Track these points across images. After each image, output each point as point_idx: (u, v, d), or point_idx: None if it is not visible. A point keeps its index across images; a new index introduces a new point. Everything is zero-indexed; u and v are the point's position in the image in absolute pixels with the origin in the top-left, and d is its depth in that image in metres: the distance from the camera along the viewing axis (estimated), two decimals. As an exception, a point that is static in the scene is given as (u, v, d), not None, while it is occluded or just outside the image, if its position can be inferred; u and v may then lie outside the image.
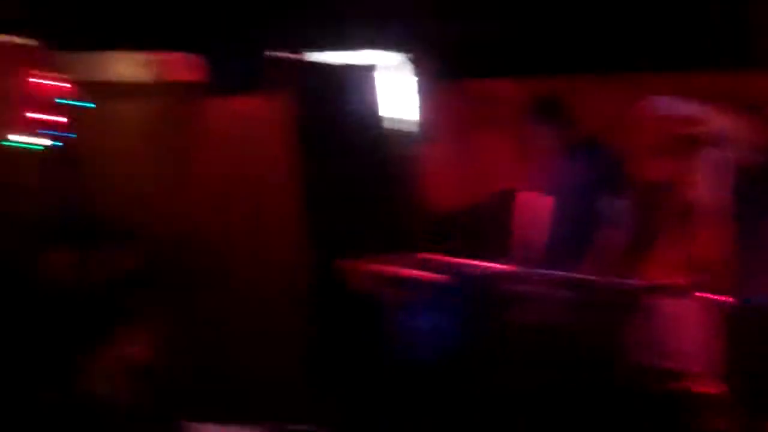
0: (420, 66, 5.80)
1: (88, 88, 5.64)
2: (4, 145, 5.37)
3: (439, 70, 5.71)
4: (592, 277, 4.18)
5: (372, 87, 5.78)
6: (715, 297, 4.74)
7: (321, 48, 5.82)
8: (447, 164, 5.87)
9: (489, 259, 4.63)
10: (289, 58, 5.71)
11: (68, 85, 5.49)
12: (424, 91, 5.84)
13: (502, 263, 4.53)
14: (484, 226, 5.38)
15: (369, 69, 5.83)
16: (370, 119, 5.85)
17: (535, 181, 4.73)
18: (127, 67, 5.87)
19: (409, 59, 5.80)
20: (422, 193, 5.76)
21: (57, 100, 5.52)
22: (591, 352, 4.16)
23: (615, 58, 5.50)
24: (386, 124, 5.89)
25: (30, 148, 5.49)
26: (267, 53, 5.61)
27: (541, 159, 4.70)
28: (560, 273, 4.25)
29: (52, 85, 5.49)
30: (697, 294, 4.80)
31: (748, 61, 5.37)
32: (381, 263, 4.88)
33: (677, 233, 6.15)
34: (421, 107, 5.83)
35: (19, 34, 5.38)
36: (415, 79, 5.82)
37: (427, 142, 5.84)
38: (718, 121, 4.19)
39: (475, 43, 5.60)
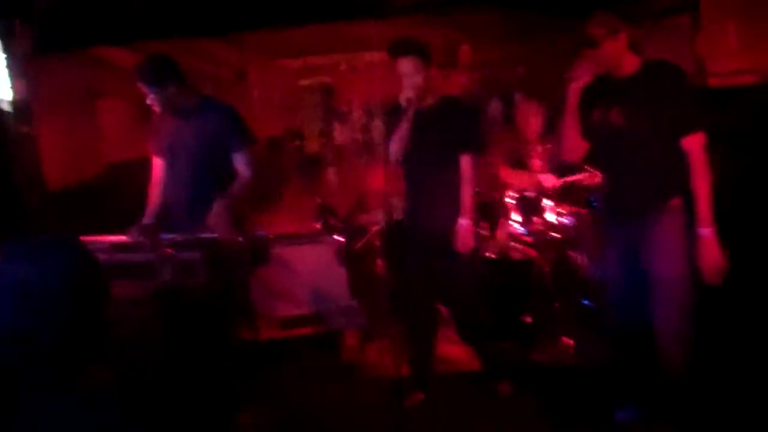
0: (19, 36, 5.39)
1: None
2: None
3: (41, 40, 5.35)
4: (218, 234, 4.12)
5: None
6: (341, 239, 5.00)
7: None
8: (59, 138, 5.51)
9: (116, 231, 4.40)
10: None
11: None
12: (26, 65, 5.44)
13: (128, 233, 4.32)
14: (103, 198, 5.15)
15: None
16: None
17: (157, 145, 4.58)
18: None
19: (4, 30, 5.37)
20: (35, 170, 5.36)
21: None
22: (221, 308, 4.10)
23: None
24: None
25: None
26: None
27: (160, 122, 4.55)
28: (186, 234, 4.15)
29: None
30: (327, 238, 5.03)
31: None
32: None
33: (306, 182, 6.36)
34: (23, 81, 5.42)
35: None
36: (15, 51, 5.39)
37: (32, 118, 5.44)
38: None
39: (79, 11, 5.34)
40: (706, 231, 3.62)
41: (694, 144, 3.67)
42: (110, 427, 1.90)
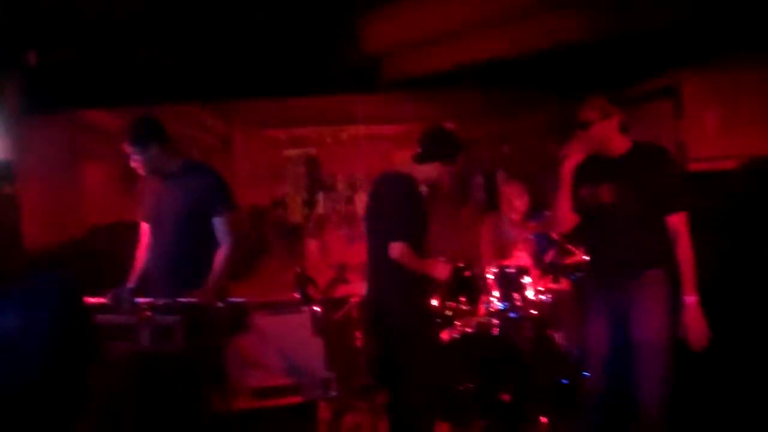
0: (6, 96, 5.41)
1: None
2: None
3: (28, 100, 5.38)
4: (198, 299, 4.09)
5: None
6: (319, 309, 4.99)
7: None
8: (42, 198, 5.50)
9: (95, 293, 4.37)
10: None
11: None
12: (12, 125, 5.45)
13: (108, 295, 4.29)
14: (83, 260, 5.12)
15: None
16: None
17: (143, 210, 4.57)
18: None
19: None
20: (14, 230, 5.32)
21: None
22: (197, 375, 4.05)
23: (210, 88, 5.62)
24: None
25: None
26: None
27: (145, 186, 4.55)
28: (166, 298, 4.11)
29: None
30: (305, 307, 4.99)
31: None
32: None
33: (285, 251, 6.36)
34: (8, 140, 5.42)
35: None
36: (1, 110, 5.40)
37: (19, 178, 5.43)
38: None
39: (67, 73, 5.39)
40: (691, 299, 3.84)
41: (678, 222, 3.90)
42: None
